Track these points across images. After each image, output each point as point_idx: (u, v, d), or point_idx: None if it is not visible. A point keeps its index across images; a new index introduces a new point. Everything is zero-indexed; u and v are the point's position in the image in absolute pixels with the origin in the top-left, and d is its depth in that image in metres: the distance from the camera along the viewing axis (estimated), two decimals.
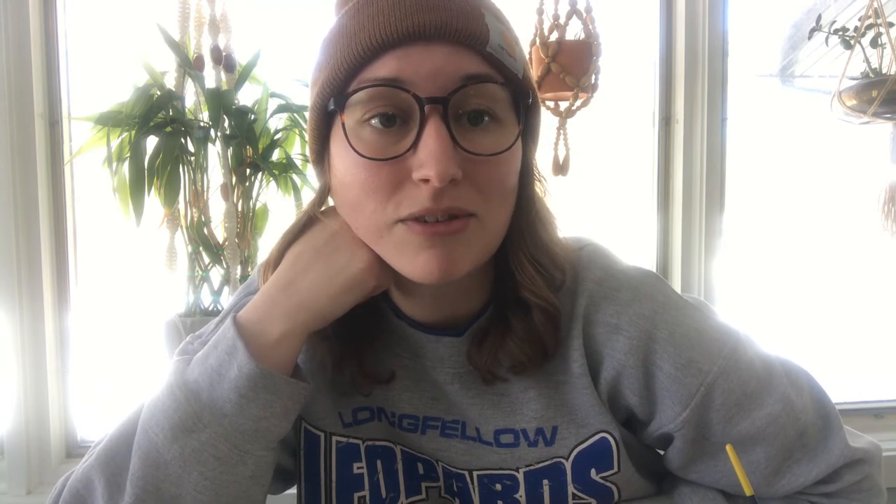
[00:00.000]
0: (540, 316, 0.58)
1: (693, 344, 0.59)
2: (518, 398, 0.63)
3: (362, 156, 0.51)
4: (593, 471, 0.62)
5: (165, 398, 0.56)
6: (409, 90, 0.50)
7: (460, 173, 0.50)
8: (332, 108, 0.53)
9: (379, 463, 0.67)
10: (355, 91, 0.51)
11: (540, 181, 0.61)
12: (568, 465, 0.63)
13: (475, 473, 0.65)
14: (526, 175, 0.58)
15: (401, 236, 0.52)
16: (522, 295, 0.58)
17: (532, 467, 0.63)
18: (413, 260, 0.53)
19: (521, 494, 0.64)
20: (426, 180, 0.49)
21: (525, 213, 0.58)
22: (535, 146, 0.61)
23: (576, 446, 0.62)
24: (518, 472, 0.64)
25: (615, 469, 0.62)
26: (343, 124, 0.52)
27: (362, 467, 0.66)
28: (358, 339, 0.63)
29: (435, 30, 0.50)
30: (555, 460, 0.63)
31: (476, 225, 0.53)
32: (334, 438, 0.66)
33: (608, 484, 0.63)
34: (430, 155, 0.49)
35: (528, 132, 0.58)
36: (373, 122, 0.51)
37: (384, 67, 0.51)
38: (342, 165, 0.54)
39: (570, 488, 0.63)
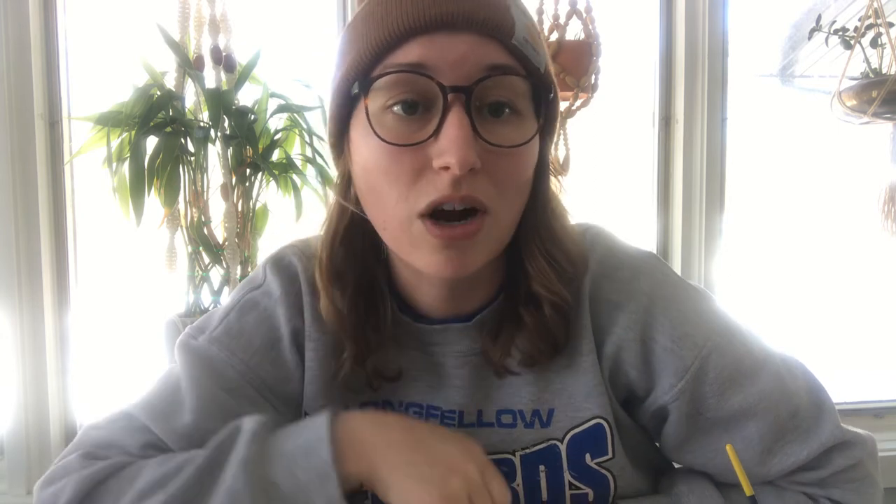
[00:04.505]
0: (550, 310, 0.60)
1: (689, 319, 0.61)
2: (520, 380, 0.64)
3: (384, 140, 0.52)
4: (588, 456, 0.63)
5: (243, 488, 0.52)
6: (433, 77, 0.51)
7: (479, 163, 0.51)
8: (356, 91, 0.54)
9: None
10: (380, 76, 0.52)
11: (555, 176, 0.62)
12: (563, 448, 0.63)
13: None
14: (541, 169, 0.59)
15: (419, 235, 0.53)
16: (534, 288, 0.60)
17: (528, 450, 0.64)
18: (428, 258, 0.54)
19: (518, 483, 0.64)
20: (447, 168, 0.50)
21: (539, 207, 0.59)
22: (552, 141, 0.61)
23: (570, 429, 0.63)
24: (515, 455, 0.64)
25: (609, 455, 0.63)
26: (366, 109, 0.53)
27: None
28: (370, 338, 0.63)
29: (462, 18, 0.51)
30: (550, 442, 0.64)
31: (489, 222, 0.54)
32: None
33: (603, 471, 0.64)
34: (451, 142, 0.50)
35: (545, 127, 0.58)
36: (395, 108, 0.52)
37: (409, 53, 0.51)
38: (365, 151, 0.55)
39: (567, 476, 0.63)
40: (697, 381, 0.60)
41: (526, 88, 0.54)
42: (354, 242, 0.62)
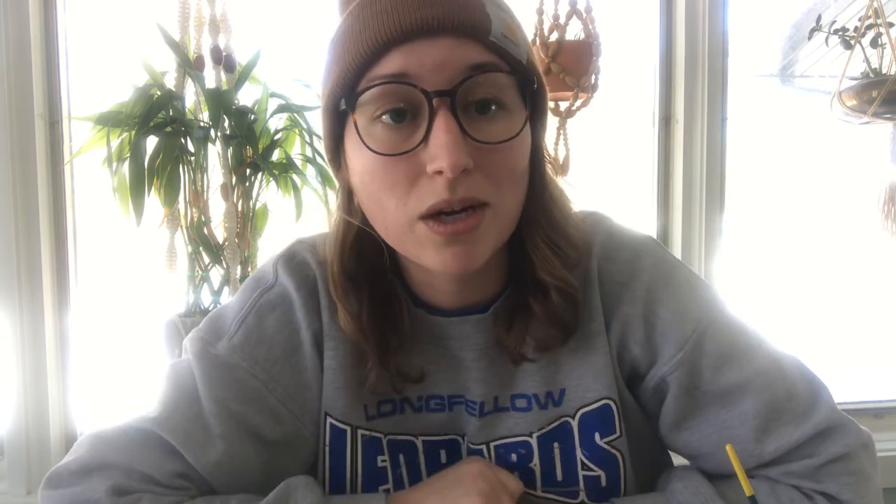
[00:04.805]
0: (557, 296, 0.61)
1: (688, 296, 0.64)
2: (533, 365, 0.65)
3: (375, 152, 0.53)
4: (598, 435, 0.65)
5: None
6: (416, 85, 0.51)
7: (471, 162, 0.52)
8: (343, 108, 0.55)
9: (401, 457, 0.67)
10: (364, 90, 0.53)
11: (551, 163, 0.63)
12: (575, 425, 0.65)
13: (492, 444, 0.66)
14: (536, 158, 0.60)
15: (423, 235, 0.54)
16: (540, 276, 0.61)
17: (543, 430, 0.66)
18: (435, 256, 0.55)
19: (535, 463, 0.66)
20: (440, 172, 0.51)
21: (538, 195, 0.61)
22: (544, 129, 0.62)
23: (581, 407, 0.65)
24: (531, 437, 0.66)
25: (617, 433, 0.65)
26: (355, 123, 0.54)
27: (385, 461, 0.66)
28: (390, 339, 0.63)
29: (438, 23, 0.51)
30: (563, 419, 0.65)
31: (490, 215, 0.54)
32: (359, 432, 0.66)
33: (614, 451, 0.65)
34: (440, 147, 0.50)
35: (535, 116, 0.59)
36: (384, 118, 0.53)
37: (391, 64, 0.52)
38: (359, 164, 0.56)
39: (579, 454, 0.65)
40: (696, 353, 0.62)
41: (510, 82, 0.55)
42: (364, 248, 0.62)
